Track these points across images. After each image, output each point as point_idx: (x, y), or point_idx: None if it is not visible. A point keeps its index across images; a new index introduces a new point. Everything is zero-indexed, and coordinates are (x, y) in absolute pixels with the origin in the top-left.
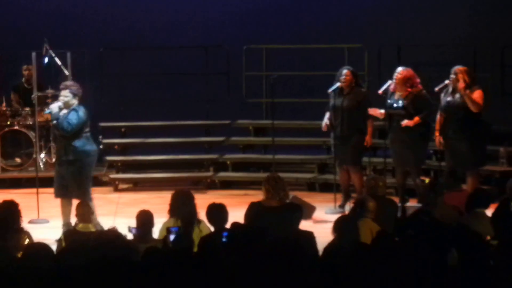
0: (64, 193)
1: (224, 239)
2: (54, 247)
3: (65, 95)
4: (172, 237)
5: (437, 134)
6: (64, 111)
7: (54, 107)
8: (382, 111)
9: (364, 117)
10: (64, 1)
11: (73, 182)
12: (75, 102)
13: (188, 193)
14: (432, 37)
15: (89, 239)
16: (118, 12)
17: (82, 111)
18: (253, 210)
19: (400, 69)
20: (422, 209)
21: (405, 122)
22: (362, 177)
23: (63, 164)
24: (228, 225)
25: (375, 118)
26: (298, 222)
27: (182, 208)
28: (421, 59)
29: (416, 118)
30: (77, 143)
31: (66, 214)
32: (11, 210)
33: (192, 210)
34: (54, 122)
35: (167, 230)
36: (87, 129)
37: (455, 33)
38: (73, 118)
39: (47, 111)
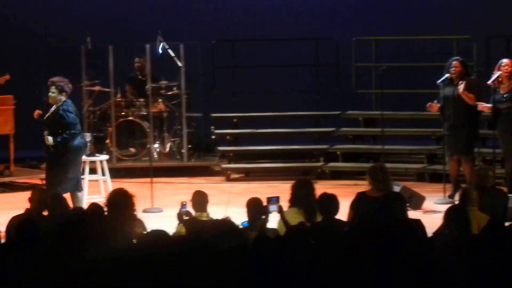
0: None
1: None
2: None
3: (52, 91)
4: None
5: None
6: (52, 109)
7: (48, 137)
8: (490, 105)
9: (474, 106)
10: None
11: (54, 176)
12: (62, 98)
13: (309, 183)
14: None
15: (203, 228)
16: (230, 5)
17: (68, 110)
18: (359, 200)
19: (505, 60)
20: None
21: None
22: (474, 167)
23: (49, 159)
24: (338, 215)
25: None
26: (402, 212)
27: (304, 198)
28: None
29: None
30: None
31: None
32: (124, 198)
33: (314, 199)
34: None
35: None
36: None
37: None
38: (66, 124)
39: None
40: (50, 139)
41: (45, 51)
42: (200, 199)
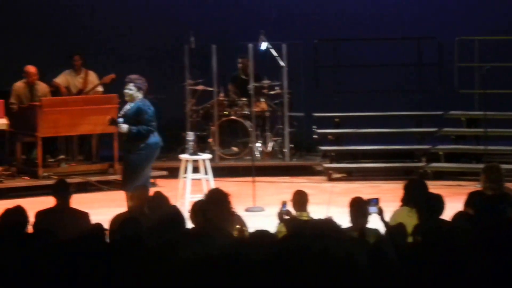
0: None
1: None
2: None
3: (129, 88)
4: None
5: None
6: (127, 106)
7: (122, 125)
8: None
9: None
10: None
11: (129, 173)
12: (139, 95)
13: (423, 182)
14: None
15: (305, 228)
16: (332, 4)
17: (146, 106)
18: (473, 199)
19: None
20: None
21: None
22: None
23: (125, 156)
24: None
25: None
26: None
27: (417, 197)
28: None
29: None
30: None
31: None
32: (220, 198)
33: (427, 199)
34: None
35: None
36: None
37: None
38: (146, 119)
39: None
40: (124, 127)
41: (149, 51)
42: (300, 199)
